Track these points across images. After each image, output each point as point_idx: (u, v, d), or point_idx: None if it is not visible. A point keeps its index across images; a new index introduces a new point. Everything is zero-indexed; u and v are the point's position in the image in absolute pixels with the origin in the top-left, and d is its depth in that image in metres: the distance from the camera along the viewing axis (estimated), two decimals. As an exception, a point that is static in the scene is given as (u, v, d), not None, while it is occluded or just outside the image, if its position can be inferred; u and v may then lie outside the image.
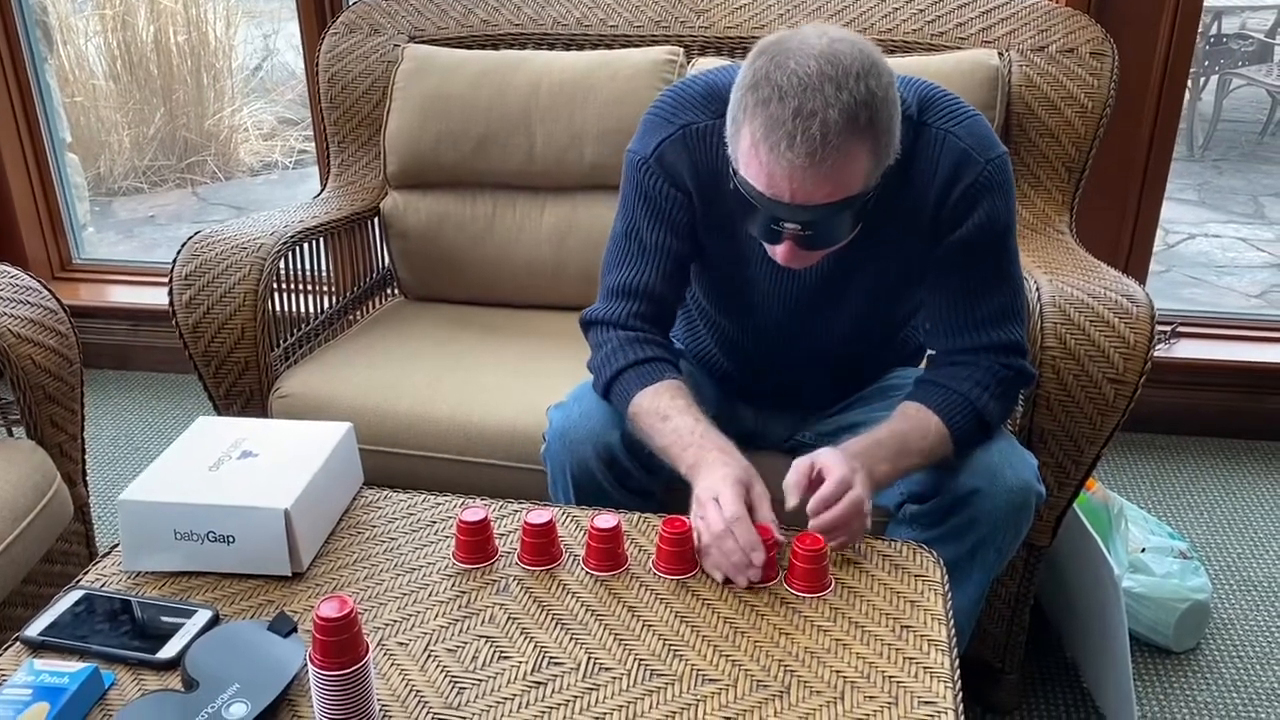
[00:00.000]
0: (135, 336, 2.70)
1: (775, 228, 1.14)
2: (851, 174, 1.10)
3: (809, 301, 1.37)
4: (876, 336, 1.45)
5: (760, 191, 1.12)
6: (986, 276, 1.30)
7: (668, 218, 1.33)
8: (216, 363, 1.67)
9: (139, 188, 4.80)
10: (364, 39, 2.07)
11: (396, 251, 2.06)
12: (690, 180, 1.31)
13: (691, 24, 1.98)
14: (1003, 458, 1.27)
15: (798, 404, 1.52)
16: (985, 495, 1.25)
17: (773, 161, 1.09)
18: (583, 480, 1.34)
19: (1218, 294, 3.62)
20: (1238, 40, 5.02)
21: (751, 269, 1.36)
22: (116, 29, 4.67)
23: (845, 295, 1.36)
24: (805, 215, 1.12)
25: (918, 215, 1.27)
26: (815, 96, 1.05)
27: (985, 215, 1.26)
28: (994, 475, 1.26)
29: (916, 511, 1.31)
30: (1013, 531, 1.29)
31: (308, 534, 1.15)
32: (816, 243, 1.16)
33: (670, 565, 1.12)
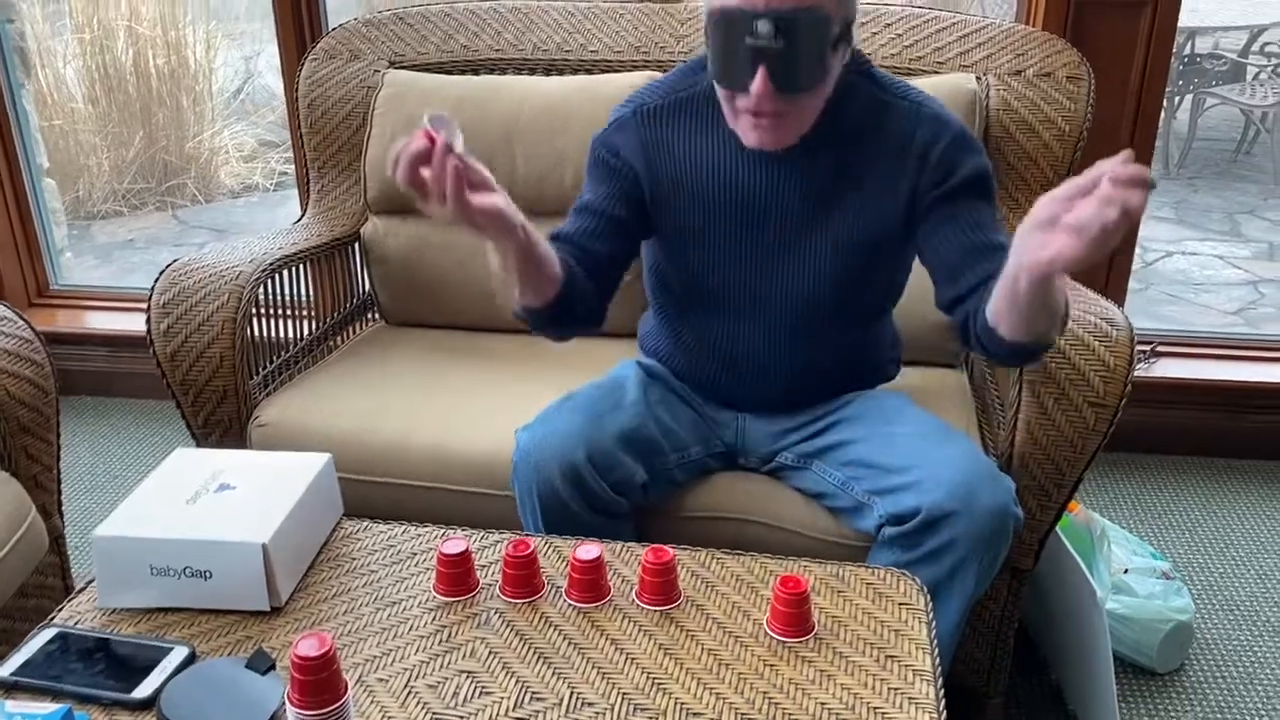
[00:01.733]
0: (113, 363, 2.68)
1: (750, 43, 1.19)
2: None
3: (774, 252, 1.41)
4: (840, 304, 1.44)
5: (733, 4, 1.20)
6: (982, 219, 1.35)
7: (609, 184, 1.44)
8: (194, 391, 1.65)
9: (118, 211, 4.77)
10: (344, 65, 2.07)
11: (377, 277, 2.05)
12: (639, 155, 1.42)
13: (671, 48, 1.98)
14: (979, 481, 1.29)
15: (774, 397, 1.51)
16: (961, 517, 1.26)
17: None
18: (549, 502, 1.34)
19: (1195, 311, 3.65)
20: (1211, 60, 5.08)
21: (713, 225, 1.42)
22: (95, 52, 4.65)
23: (810, 247, 1.40)
24: (776, 15, 1.18)
25: (897, 174, 1.36)
26: None
27: (971, 167, 1.35)
28: (970, 497, 1.27)
29: (895, 534, 1.31)
30: (990, 555, 1.30)
31: (286, 568, 1.14)
32: (786, 66, 1.21)
33: (654, 596, 1.12)
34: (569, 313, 1.37)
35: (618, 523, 1.41)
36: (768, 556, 1.20)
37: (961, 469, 1.29)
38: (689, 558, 1.20)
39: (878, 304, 1.52)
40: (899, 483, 1.32)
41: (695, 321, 1.50)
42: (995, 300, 1.20)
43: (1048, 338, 1.24)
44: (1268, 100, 4.71)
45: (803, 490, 1.48)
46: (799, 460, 1.48)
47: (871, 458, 1.38)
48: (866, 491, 1.36)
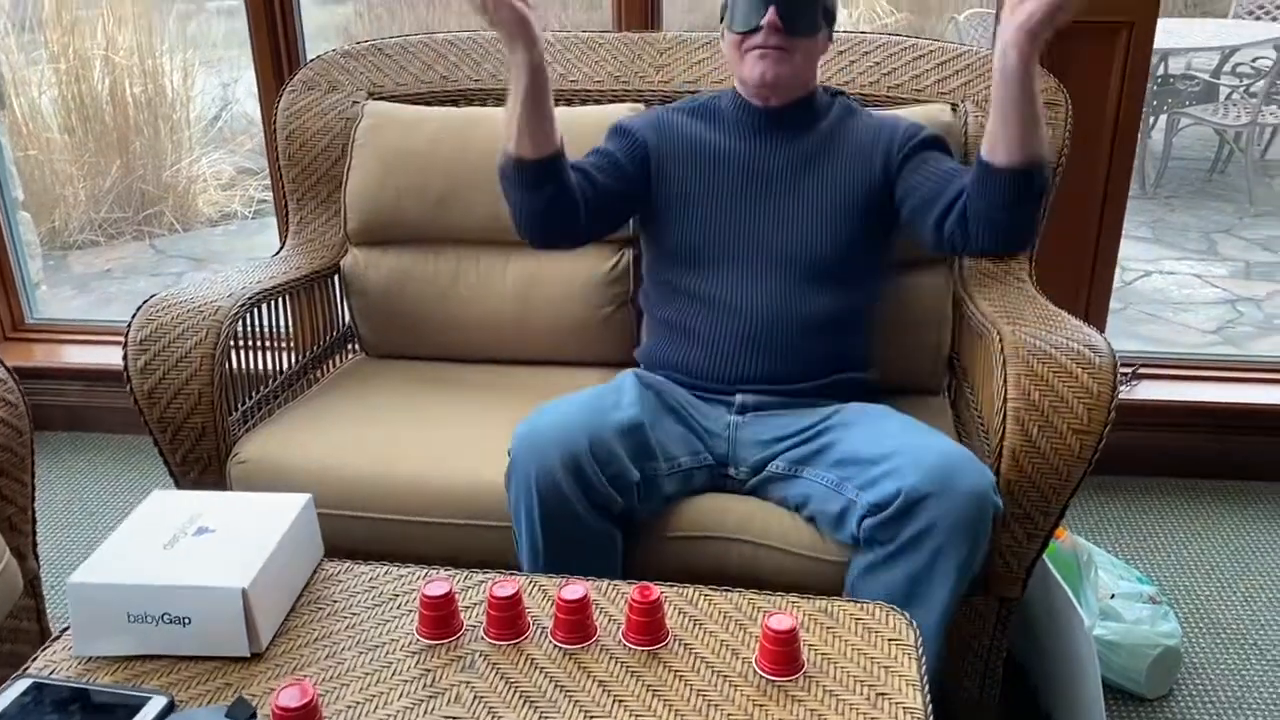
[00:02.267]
0: (90, 397, 2.64)
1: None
2: None
3: (766, 211, 1.60)
4: (826, 263, 1.60)
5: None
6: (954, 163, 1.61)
7: (621, 142, 1.67)
8: (173, 429, 1.63)
9: (95, 241, 4.74)
10: (322, 96, 2.06)
11: (357, 309, 2.03)
12: (652, 131, 1.67)
13: (651, 79, 1.98)
14: (957, 465, 1.32)
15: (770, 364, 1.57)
16: (938, 499, 1.28)
17: None
18: (549, 493, 1.35)
19: (1174, 330, 3.67)
20: (1184, 80, 5.14)
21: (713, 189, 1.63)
22: (71, 82, 4.63)
23: (797, 207, 1.60)
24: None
25: (865, 149, 1.62)
26: None
27: (934, 133, 1.65)
28: (947, 480, 1.29)
29: (873, 524, 1.33)
30: (970, 543, 1.31)
31: (267, 612, 1.12)
32: (792, 7, 1.51)
33: (641, 636, 1.10)
34: (553, 181, 1.50)
35: (609, 523, 1.41)
36: (755, 593, 1.19)
37: (939, 453, 1.33)
38: (676, 595, 1.18)
39: (869, 264, 1.65)
40: (879, 471, 1.35)
41: (698, 287, 1.61)
42: (988, 129, 1.39)
43: (1039, 153, 1.37)
44: (1240, 120, 4.77)
45: (789, 500, 1.49)
46: (790, 468, 1.49)
47: (858, 452, 1.41)
48: (854, 488, 1.38)
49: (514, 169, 1.50)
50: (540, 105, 1.45)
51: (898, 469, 1.33)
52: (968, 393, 1.76)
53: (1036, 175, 1.40)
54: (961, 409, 1.79)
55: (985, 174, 1.41)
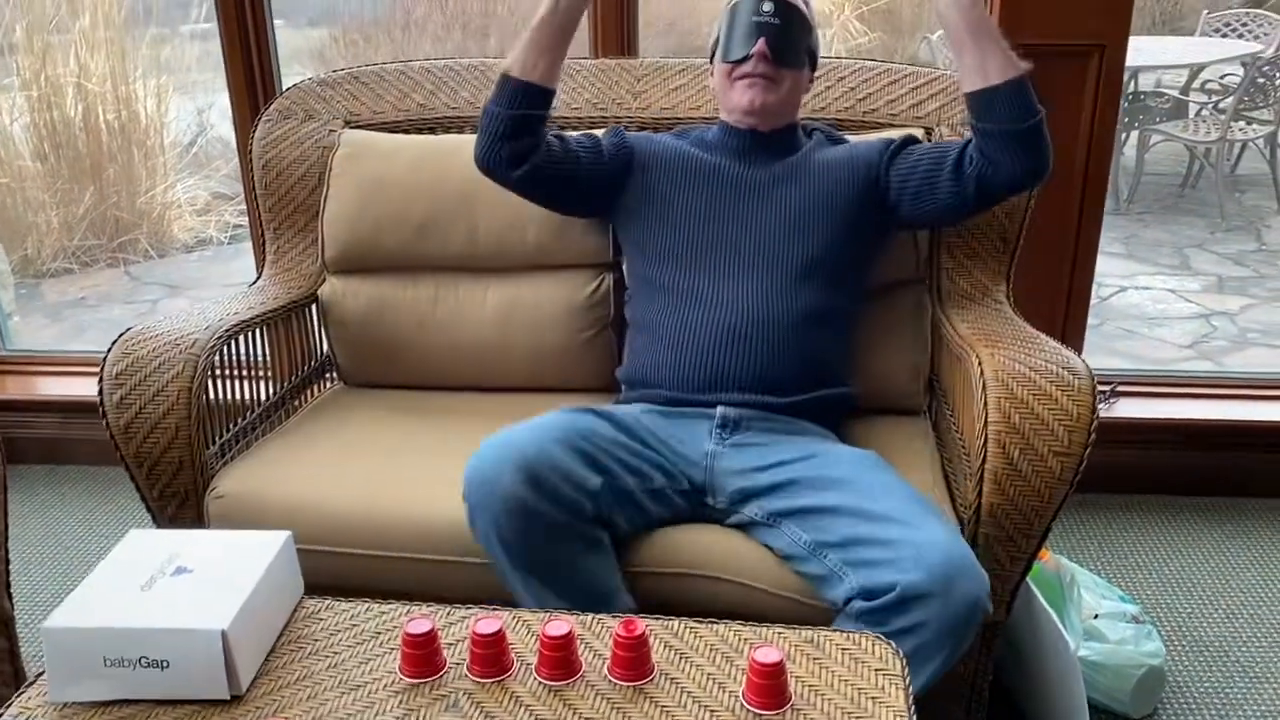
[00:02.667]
0: (65, 430, 2.61)
1: (756, 20, 1.62)
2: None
3: (747, 217, 1.67)
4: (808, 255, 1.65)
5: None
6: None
7: (608, 138, 1.77)
8: (149, 464, 1.61)
9: (68, 269, 4.70)
10: (298, 125, 2.05)
11: (335, 338, 2.02)
12: (641, 141, 1.77)
13: (628, 105, 1.99)
14: (959, 569, 1.28)
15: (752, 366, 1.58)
16: (937, 600, 1.25)
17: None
18: (513, 506, 1.35)
19: (1150, 346, 3.70)
20: (1154, 97, 5.20)
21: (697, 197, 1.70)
22: (43, 109, 4.60)
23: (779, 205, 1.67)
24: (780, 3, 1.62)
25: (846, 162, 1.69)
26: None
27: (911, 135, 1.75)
28: (949, 583, 1.26)
29: (864, 609, 1.30)
30: (955, 645, 1.29)
31: (247, 654, 1.10)
32: (781, 40, 1.62)
33: (626, 671, 1.09)
34: (533, 109, 1.63)
35: (592, 527, 1.41)
36: (741, 624, 1.18)
37: (944, 552, 1.28)
38: (661, 628, 1.18)
39: (855, 262, 1.71)
40: (876, 557, 1.31)
41: (679, 283, 1.65)
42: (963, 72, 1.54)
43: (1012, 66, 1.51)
44: (1210, 136, 4.83)
45: (774, 549, 1.46)
46: (768, 518, 1.46)
47: (845, 532, 1.36)
48: (840, 561, 1.35)
49: (505, 84, 1.63)
50: (561, 40, 1.62)
51: (898, 560, 1.29)
52: (948, 414, 1.77)
53: (1025, 84, 1.52)
54: (943, 430, 1.79)
55: (979, 102, 1.53)
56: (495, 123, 1.65)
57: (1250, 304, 4.06)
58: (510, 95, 1.63)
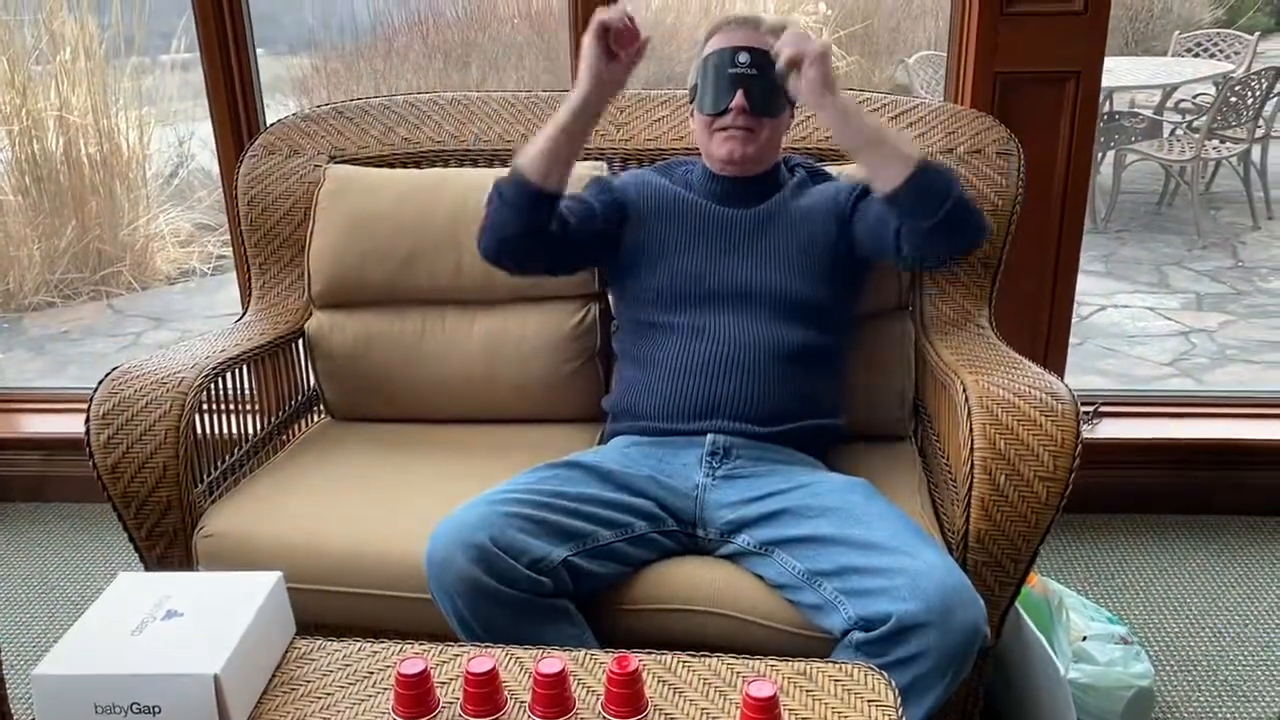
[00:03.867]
0: (48, 467, 2.60)
1: (733, 72, 1.60)
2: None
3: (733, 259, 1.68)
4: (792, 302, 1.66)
5: (722, 46, 1.62)
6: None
7: (598, 189, 1.75)
8: (137, 504, 1.61)
9: (50, 302, 4.68)
10: (283, 160, 2.05)
11: (323, 372, 2.02)
12: (631, 185, 1.77)
13: (612, 136, 2.00)
14: (955, 597, 1.28)
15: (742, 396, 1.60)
16: (935, 630, 1.26)
17: (728, 32, 1.65)
18: (468, 588, 1.34)
19: (1131, 363, 3.74)
20: (1129, 117, 5.27)
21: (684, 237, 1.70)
22: (25, 143, 4.59)
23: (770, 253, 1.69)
24: (753, 51, 1.59)
25: (825, 204, 1.71)
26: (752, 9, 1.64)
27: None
28: (947, 612, 1.26)
29: (862, 640, 1.30)
30: (954, 673, 1.30)
31: (239, 697, 1.10)
32: (758, 92, 1.61)
33: (620, 708, 1.09)
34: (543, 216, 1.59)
35: (554, 600, 1.40)
36: (734, 657, 1.19)
37: (940, 582, 1.28)
38: (654, 663, 1.18)
39: (838, 305, 1.72)
40: (871, 586, 1.31)
41: (670, 320, 1.67)
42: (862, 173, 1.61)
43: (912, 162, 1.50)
44: (1185, 155, 4.89)
45: (766, 579, 1.46)
46: (760, 547, 1.47)
47: (840, 560, 1.37)
48: (835, 590, 1.35)
49: (516, 188, 1.58)
50: (576, 144, 1.59)
51: (892, 589, 1.29)
52: (934, 440, 1.78)
53: (927, 175, 1.51)
54: (929, 456, 1.81)
55: (888, 204, 1.55)
56: (506, 227, 1.60)
57: (1229, 320, 4.11)
58: (525, 203, 1.57)
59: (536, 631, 1.37)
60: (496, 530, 1.36)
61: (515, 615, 1.36)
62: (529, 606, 1.37)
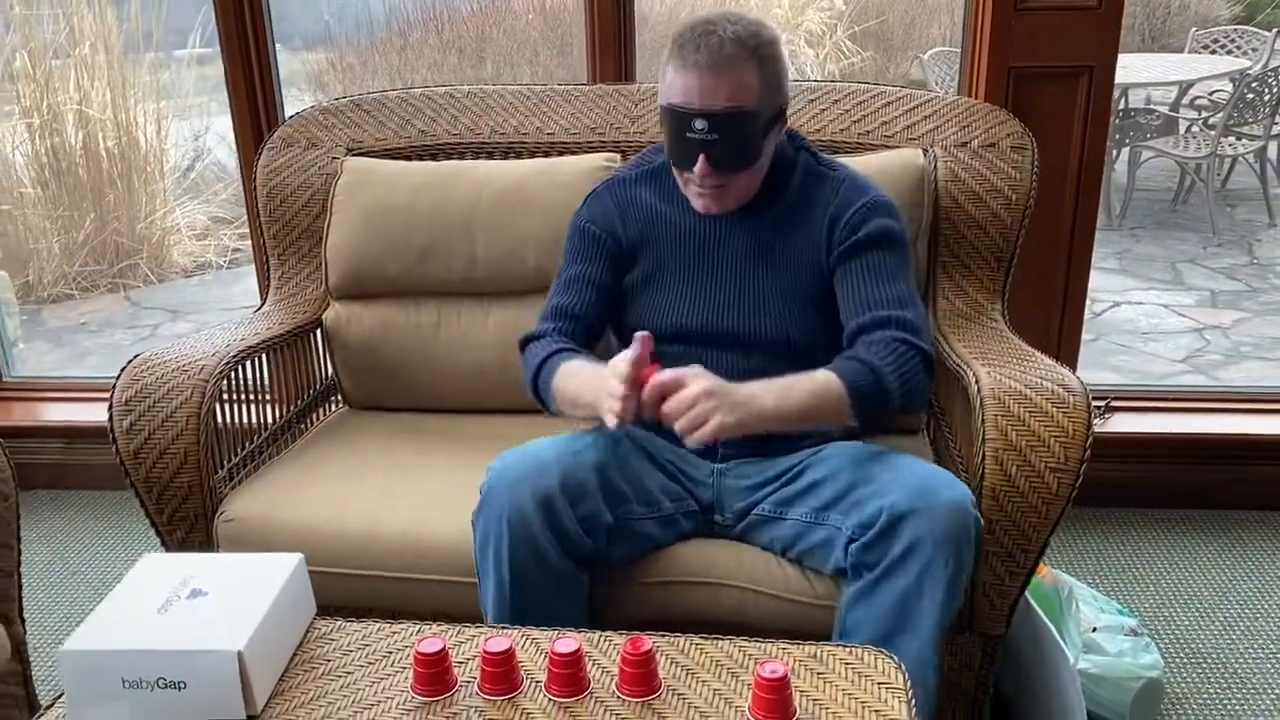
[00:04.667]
0: (69, 455, 2.63)
1: (690, 137, 1.46)
2: (744, 85, 1.45)
3: (726, 297, 1.59)
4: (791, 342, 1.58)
5: (675, 103, 1.47)
6: (883, 270, 1.55)
7: (589, 255, 1.66)
8: (159, 489, 1.63)
9: (69, 294, 4.72)
10: (301, 153, 2.08)
11: (340, 363, 2.04)
12: (615, 213, 1.66)
13: (626, 129, 2.02)
14: (936, 481, 1.37)
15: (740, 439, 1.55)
16: (921, 514, 1.32)
17: (684, 72, 1.45)
18: (517, 526, 1.37)
19: (1145, 360, 3.73)
20: (1145, 114, 5.25)
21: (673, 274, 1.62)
22: (44, 136, 4.64)
23: (757, 293, 1.59)
24: (710, 114, 1.44)
25: (818, 232, 1.58)
26: (715, 25, 1.44)
27: (877, 226, 1.56)
28: (927, 495, 1.33)
29: (859, 547, 1.36)
30: (954, 556, 1.33)
31: (262, 674, 1.12)
32: (722, 153, 1.47)
33: (634, 687, 1.11)
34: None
35: (577, 568, 1.42)
36: (746, 640, 1.20)
37: (917, 472, 1.38)
38: (668, 645, 1.20)
39: (828, 344, 1.59)
40: (861, 495, 1.39)
41: (669, 354, 1.55)
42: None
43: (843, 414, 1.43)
44: (1200, 152, 4.87)
45: (776, 543, 1.51)
46: (775, 509, 1.51)
47: (839, 483, 1.44)
48: (838, 515, 1.42)
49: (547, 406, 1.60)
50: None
51: (878, 490, 1.38)
52: (946, 432, 1.79)
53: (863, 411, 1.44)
54: (941, 448, 1.82)
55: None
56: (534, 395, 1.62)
57: (1243, 318, 4.10)
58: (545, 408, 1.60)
59: (552, 596, 1.41)
60: (567, 475, 1.39)
61: (544, 573, 1.39)
62: (556, 573, 1.40)
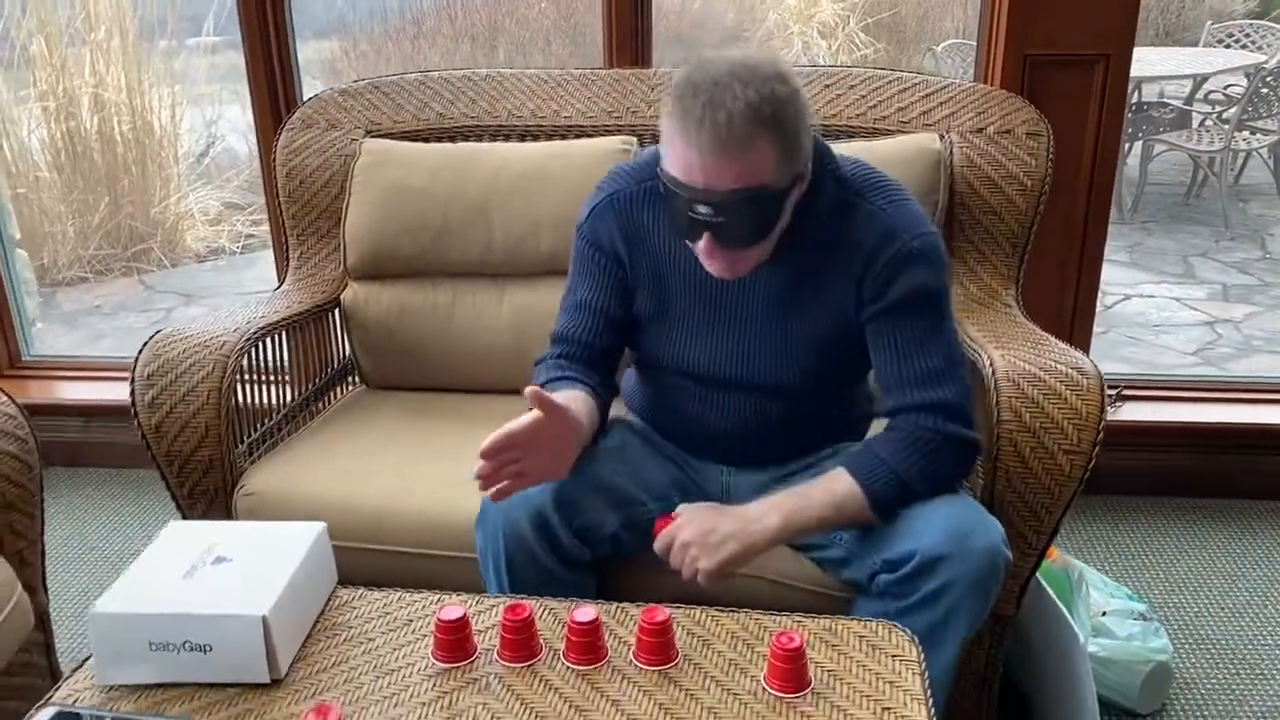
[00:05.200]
0: (88, 433, 2.66)
1: (693, 215, 1.27)
2: (757, 163, 1.23)
3: (742, 346, 1.46)
4: (808, 389, 1.48)
5: (678, 178, 1.26)
6: (916, 339, 1.39)
7: (597, 280, 1.51)
8: (180, 462, 1.65)
9: (84, 277, 4.75)
10: (321, 134, 2.10)
11: (357, 342, 2.06)
12: (620, 239, 1.48)
13: (643, 114, 2.03)
14: (970, 524, 1.32)
15: (749, 460, 1.55)
16: (954, 560, 1.29)
17: (686, 149, 1.23)
18: (514, 544, 1.37)
19: (1155, 352, 3.73)
20: (1158, 108, 5.24)
21: (685, 318, 1.47)
22: (60, 120, 4.66)
23: (777, 342, 1.45)
24: (715, 199, 1.24)
25: (846, 281, 1.39)
26: (724, 92, 1.20)
27: (910, 283, 1.37)
28: (963, 540, 1.30)
29: (888, 581, 1.33)
30: (983, 595, 1.33)
31: (286, 639, 1.14)
32: (730, 234, 1.28)
33: (651, 656, 1.13)
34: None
35: (580, 576, 1.43)
36: (761, 613, 1.22)
37: (952, 513, 1.33)
38: (684, 616, 1.21)
39: (848, 382, 1.55)
40: (891, 530, 1.35)
41: (671, 393, 1.55)
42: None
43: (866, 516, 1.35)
44: (1214, 146, 4.87)
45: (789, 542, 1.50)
46: None
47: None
48: (855, 541, 1.39)
49: None
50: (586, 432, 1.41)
51: (910, 529, 1.32)
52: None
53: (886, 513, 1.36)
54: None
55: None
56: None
57: (1255, 312, 4.10)
58: None
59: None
60: (561, 491, 1.37)
61: (547, 583, 1.38)
62: (559, 584, 1.38)
